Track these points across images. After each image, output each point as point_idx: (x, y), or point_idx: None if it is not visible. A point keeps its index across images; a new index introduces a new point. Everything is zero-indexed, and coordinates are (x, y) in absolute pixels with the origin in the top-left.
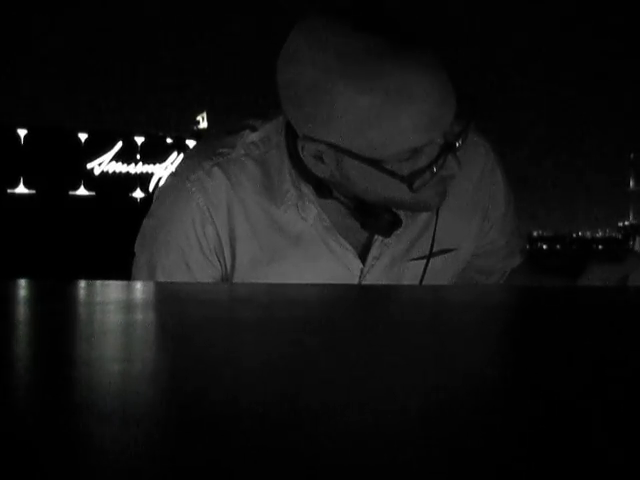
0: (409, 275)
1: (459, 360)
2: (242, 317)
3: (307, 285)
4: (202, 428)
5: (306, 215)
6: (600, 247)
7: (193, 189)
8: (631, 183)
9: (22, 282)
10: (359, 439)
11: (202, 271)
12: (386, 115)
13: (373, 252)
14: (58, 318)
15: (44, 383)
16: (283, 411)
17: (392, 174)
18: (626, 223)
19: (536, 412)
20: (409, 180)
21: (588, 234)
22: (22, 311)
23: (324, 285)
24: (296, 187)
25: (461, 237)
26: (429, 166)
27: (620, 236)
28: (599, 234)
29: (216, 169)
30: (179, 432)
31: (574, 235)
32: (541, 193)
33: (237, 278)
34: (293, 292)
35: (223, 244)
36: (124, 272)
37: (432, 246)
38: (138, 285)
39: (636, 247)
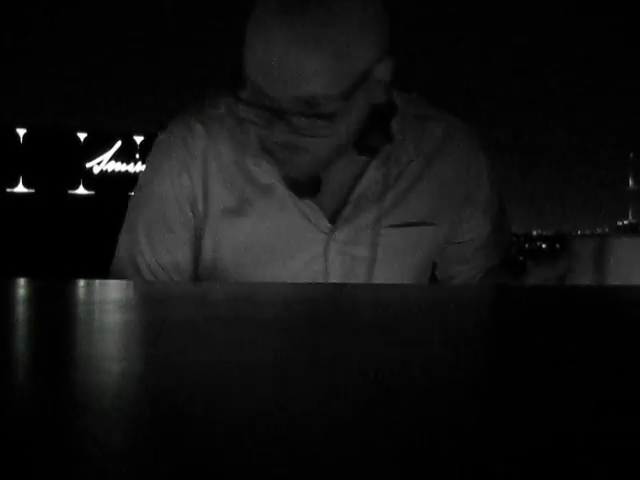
0: (382, 242)
1: (446, 361)
2: (224, 316)
3: (291, 285)
4: (184, 427)
5: (272, 173)
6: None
7: (174, 143)
8: (630, 182)
9: (21, 281)
10: (349, 439)
11: (179, 222)
12: (249, 48)
13: (344, 214)
14: (56, 317)
15: (38, 382)
16: (265, 411)
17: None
18: (625, 222)
19: (526, 412)
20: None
21: (588, 233)
22: (21, 310)
23: (307, 284)
24: (261, 141)
25: (438, 213)
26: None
27: None
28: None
29: (198, 125)
30: (164, 432)
31: (573, 234)
32: (541, 192)
33: (209, 231)
34: (276, 291)
35: (197, 194)
36: None
37: (392, 215)
38: (136, 285)
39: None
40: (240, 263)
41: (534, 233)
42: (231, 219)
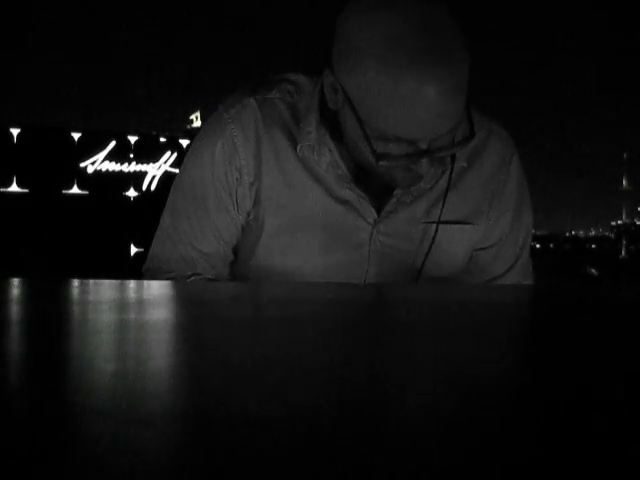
0: (421, 237)
1: (464, 360)
2: (246, 316)
3: (314, 284)
4: (204, 428)
5: (320, 160)
6: (593, 246)
7: (229, 120)
8: (624, 182)
9: (16, 281)
10: (367, 439)
11: (222, 208)
12: (388, 100)
13: (388, 207)
14: (51, 317)
15: (35, 382)
16: (287, 410)
17: (369, 143)
18: (619, 222)
19: (540, 412)
20: (377, 157)
21: (581, 233)
22: (15, 310)
23: (331, 284)
24: (317, 130)
25: (475, 214)
26: (401, 157)
27: (613, 235)
28: (592, 233)
29: (252, 101)
30: (177, 433)
31: (567, 234)
32: (535, 192)
33: (254, 217)
34: (300, 291)
35: (246, 177)
36: (117, 271)
37: (442, 211)
38: (131, 284)
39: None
40: (284, 249)
41: None
42: (281, 200)
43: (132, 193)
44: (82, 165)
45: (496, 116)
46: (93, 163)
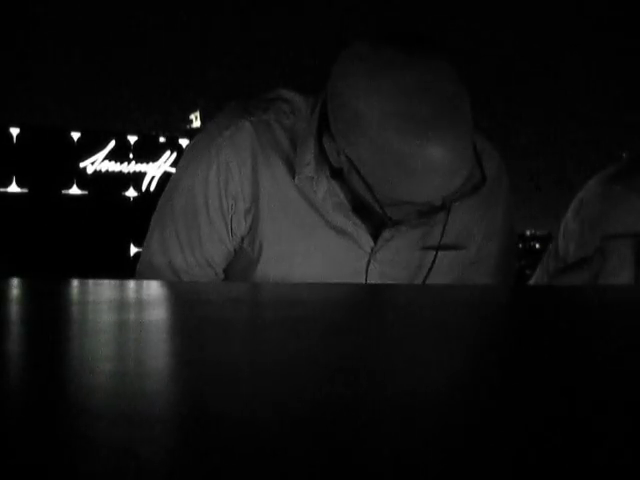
0: (417, 264)
1: (460, 361)
2: (243, 317)
3: (311, 285)
4: (201, 430)
5: (317, 189)
6: None
7: (223, 144)
8: None
9: (15, 281)
10: (362, 439)
11: (211, 232)
12: (397, 171)
13: (385, 235)
14: (51, 317)
15: (35, 383)
16: (284, 413)
17: (383, 210)
18: None
19: (536, 412)
20: (392, 221)
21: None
22: (15, 310)
23: (328, 284)
24: (316, 161)
25: (466, 238)
26: (416, 214)
27: None
28: None
29: (247, 124)
30: (176, 433)
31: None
32: (535, 192)
33: (249, 242)
34: (296, 291)
35: (242, 204)
36: (117, 271)
37: (442, 236)
38: (131, 284)
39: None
40: (281, 276)
41: (527, 233)
42: (279, 231)
43: (132, 193)
44: (82, 165)
45: (496, 115)
46: (93, 163)
